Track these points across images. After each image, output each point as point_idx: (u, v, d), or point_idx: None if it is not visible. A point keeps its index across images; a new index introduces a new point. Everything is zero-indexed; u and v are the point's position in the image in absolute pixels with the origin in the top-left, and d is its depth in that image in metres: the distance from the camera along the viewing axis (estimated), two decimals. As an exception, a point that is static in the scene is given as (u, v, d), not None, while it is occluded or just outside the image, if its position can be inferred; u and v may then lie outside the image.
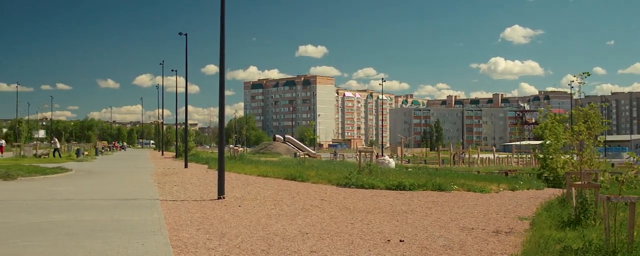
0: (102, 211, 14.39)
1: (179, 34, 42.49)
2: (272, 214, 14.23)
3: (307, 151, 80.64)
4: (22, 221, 12.36)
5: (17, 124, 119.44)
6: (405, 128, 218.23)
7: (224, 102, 18.93)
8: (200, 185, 23.38)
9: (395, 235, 11.20)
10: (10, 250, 9.26)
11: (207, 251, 9.50)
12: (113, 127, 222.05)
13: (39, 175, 26.81)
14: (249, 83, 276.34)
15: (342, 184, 22.92)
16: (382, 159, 43.09)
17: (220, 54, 18.70)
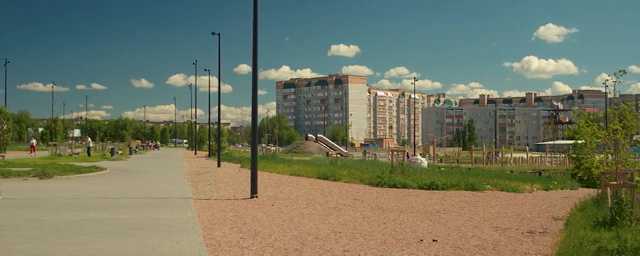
0: (136, 209, 14.53)
1: (212, 34, 42.75)
2: (305, 213, 14.27)
3: (339, 150, 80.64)
4: (59, 219, 12.52)
5: (52, 123, 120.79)
6: (437, 128, 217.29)
7: (257, 101, 19.02)
8: (233, 184, 23.49)
9: (428, 235, 11.18)
10: (49, 248, 9.39)
11: (240, 250, 9.55)
12: (147, 127, 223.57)
13: (75, 173, 27.11)
14: (281, 82, 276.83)
15: (375, 183, 22.92)
16: (414, 158, 43.04)
17: (253, 54, 18.78)
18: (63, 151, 56.60)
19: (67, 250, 9.21)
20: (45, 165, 30.99)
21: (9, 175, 24.61)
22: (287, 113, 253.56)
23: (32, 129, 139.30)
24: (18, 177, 24.54)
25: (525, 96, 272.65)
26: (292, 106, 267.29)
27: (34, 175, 24.87)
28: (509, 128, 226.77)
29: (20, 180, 23.64)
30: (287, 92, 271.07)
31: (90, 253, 9.03)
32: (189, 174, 29.72)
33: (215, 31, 42.55)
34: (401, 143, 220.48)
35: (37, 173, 25.19)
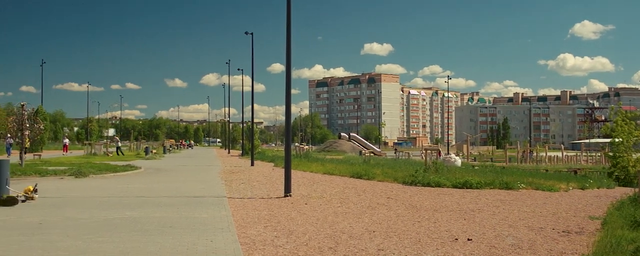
0: (171, 208, 14.63)
1: (245, 33, 42.87)
2: (339, 212, 14.27)
3: (372, 149, 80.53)
4: (95, 218, 12.65)
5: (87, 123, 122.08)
6: (471, 126, 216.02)
7: (291, 100, 19.06)
8: (267, 182, 23.56)
9: (463, 234, 11.13)
10: (85, 246, 9.49)
11: (275, 248, 9.58)
12: (180, 126, 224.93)
13: (110, 172, 27.36)
14: (314, 81, 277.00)
15: (408, 182, 22.86)
16: (448, 157, 42.85)
17: (286, 53, 18.81)
18: (98, 150, 57.17)
19: (103, 248, 9.31)
20: (81, 164, 31.33)
21: (46, 174, 24.92)
22: (320, 112, 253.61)
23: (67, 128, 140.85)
24: (55, 176, 24.83)
25: (560, 94, 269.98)
26: (325, 105, 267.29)
27: (70, 174, 25.15)
28: (543, 126, 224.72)
29: (57, 179, 23.91)
30: (320, 90, 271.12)
31: (126, 251, 9.11)
32: (223, 173, 29.85)
33: (249, 30, 42.70)
34: (434, 142, 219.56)
35: (73, 172, 25.48)
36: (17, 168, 26.08)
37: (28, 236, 10.32)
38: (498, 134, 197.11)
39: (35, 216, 12.81)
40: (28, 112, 30.29)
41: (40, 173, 25.20)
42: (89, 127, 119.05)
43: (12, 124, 29.78)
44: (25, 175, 24.36)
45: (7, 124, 31.50)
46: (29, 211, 13.82)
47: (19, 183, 20.02)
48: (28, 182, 19.73)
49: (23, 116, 29.43)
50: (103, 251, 9.05)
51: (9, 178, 16.92)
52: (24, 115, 29.51)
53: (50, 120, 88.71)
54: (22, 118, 29.36)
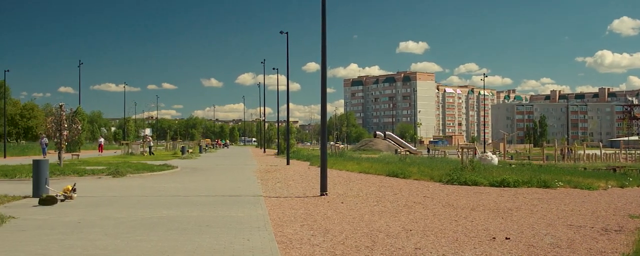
0: (208, 207, 14.69)
1: (280, 33, 42.87)
2: (375, 211, 14.23)
3: (407, 147, 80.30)
4: (133, 217, 12.75)
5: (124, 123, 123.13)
6: (507, 124, 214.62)
7: (326, 100, 19.02)
8: (303, 181, 23.58)
9: (501, 233, 11.04)
10: (123, 244, 9.56)
11: (311, 247, 9.57)
12: (216, 125, 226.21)
13: (147, 172, 27.56)
14: (349, 80, 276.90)
15: (445, 181, 22.75)
16: (484, 155, 42.55)
17: (322, 53, 18.80)
18: (135, 150, 57.66)
19: (141, 247, 9.37)
20: (118, 164, 31.63)
21: (84, 174, 25.18)
22: (355, 111, 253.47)
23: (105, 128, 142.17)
24: (93, 175, 25.07)
25: (598, 91, 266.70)
26: (360, 104, 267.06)
27: (108, 174, 25.38)
28: (581, 124, 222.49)
29: (95, 179, 24.15)
30: (355, 89, 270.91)
31: (164, 249, 9.16)
32: (259, 172, 29.94)
33: (284, 30, 42.87)
34: (470, 140, 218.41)
35: (111, 172, 25.72)
36: (56, 168, 26.39)
37: (67, 235, 10.43)
38: (535, 132, 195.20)
39: (74, 215, 12.94)
40: (66, 112, 30.63)
41: (79, 172, 25.48)
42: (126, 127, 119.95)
43: (51, 124, 30.14)
44: (64, 174, 24.64)
45: (46, 124, 31.89)
46: (68, 210, 13.96)
47: (58, 182, 20.26)
48: (67, 182, 19.96)
49: (62, 116, 29.77)
50: (141, 250, 9.11)
51: (48, 178, 17.15)
52: (62, 115, 29.85)
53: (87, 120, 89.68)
54: (60, 118, 29.70)
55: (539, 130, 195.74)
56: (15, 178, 23.50)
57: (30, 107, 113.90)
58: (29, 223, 11.80)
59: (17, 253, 8.90)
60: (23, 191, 17.63)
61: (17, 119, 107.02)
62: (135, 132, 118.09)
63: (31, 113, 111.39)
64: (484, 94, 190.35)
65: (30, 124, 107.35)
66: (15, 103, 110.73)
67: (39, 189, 16.55)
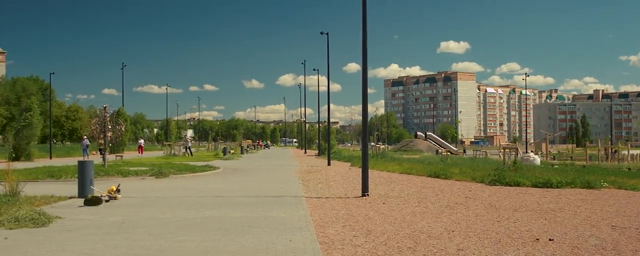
0: (250, 207, 14.78)
1: (321, 34, 42.93)
2: (417, 212, 14.20)
3: (449, 148, 79.87)
4: (177, 217, 12.88)
5: (167, 124, 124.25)
6: (549, 124, 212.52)
7: (367, 100, 19.01)
8: (344, 182, 23.60)
9: (544, 234, 10.95)
10: (167, 244, 9.66)
11: (353, 248, 9.59)
12: (257, 126, 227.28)
13: (189, 173, 27.78)
14: (389, 81, 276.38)
15: (487, 181, 22.60)
16: (526, 156, 42.19)
17: (362, 53, 18.78)
18: (178, 151, 58.16)
19: (184, 247, 9.46)
20: (161, 165, 31.94)
21: (128, 175, 25.46)
22: (395, 112, 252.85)
23: (147, 130, 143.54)
24: (136, 176, 25.34)
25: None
26: (401, 104, 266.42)
27: (151, 175, 25.65)
28: (625, 124, 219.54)
29: (139, 179, 24.41)
30: (396, 90, 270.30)
31: (207, 250, 9.24)
32: (300, 173, 30.02)
33: (324, 30, 42.78)
34: (512, 140, 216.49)
35: (154, 173, 25.98)
36: (101, 169, 26.73)
37: (112, 235, 10.57)
38: (577, 132, 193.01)
39: (119, 216, 13.11)
40: (110, 114, 31.02)
41: (122, 173, 25.76)
42: (168, 128, 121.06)
43: (95, 126, 30.55)
44: (108, 175, 24.93)
45: (90, 126, 32.32)
46: (113, 210, 14.15)
47: (102, 183, 20.53)
48: (111, 182, 20.23)
49: (105, 118, 30.17)
50: (184, 250, 9.20)
51: (93, 178, 17.38)
52: (106, 117, 30.24)
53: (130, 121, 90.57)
54: (104, 120, 30.10)
55: (582, 130, 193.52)
56: (61, 178, 23.85)
57: (74, 109, 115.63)
58: (74, 223, 11.99)
59: (64, 252, 9.05)
60: (69, 191, 17.88)
61: (63, 121, 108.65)
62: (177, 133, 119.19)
63: (76, 115, 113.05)
64: (525, 94, 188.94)
65: (75, 125, 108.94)
66: (61, 106, 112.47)
67: (84, 190, 16.79)
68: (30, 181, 21.40)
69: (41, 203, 15.05)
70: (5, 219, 11.77)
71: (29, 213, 12.04)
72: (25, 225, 11.47)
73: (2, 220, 11.71)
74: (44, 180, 23.55)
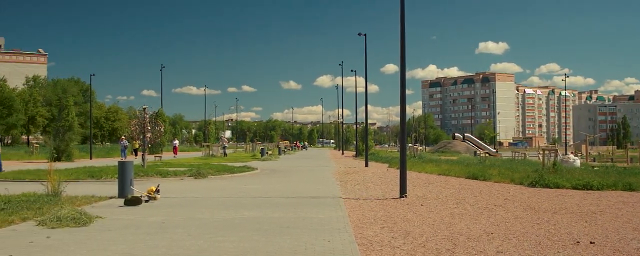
0: (288, 208, 14.82)
1: (358, 35, 42.93)
2: (455, 213, 14.13)
3: (487, 149, 79.29)
4: (215, 218, 12.96)
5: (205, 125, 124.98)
6: (589, 126, 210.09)
7: (405, 102, 18.95)
8: (382, 183, 23.56)
9: (585, 237, 10.83)
10: (206, 244, 9.73)
11: (392, 249, 9.57)
12: (294, 127, 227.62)
13: (227, 173, 27.93)
14: (427, 81, 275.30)
15: (526, 183, 22.41)
16: (566, 158, 41.72)
17: (400, 54, 18.73)
18: (216, 152, 58.53)
19: (223, 247, 9.52)
20: (199, 165, 32.12)
21: (166, 175, 25.65)
22: (433, 113, 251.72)
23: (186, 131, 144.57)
24: (175, 176, 25.53)
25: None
26: (438, 105, 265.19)
27: (190, 175, 25.82)
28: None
29: (177, 180, 24.60)
30: (433, 91, 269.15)
31: (246, 250, 9.28)
32: (337, 174, 30.04)
33: (362, 32, 42.78)
34: (551, 142, 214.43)
35: (193, 173, 26.15)
36: (140, 169, 26.97)
37: (152, 235, 10.67)
38: (618, 133, 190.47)
39: (158, 216, 13.23)
40: (149, 115, 31.30)
41: (161, 174, 25.97)
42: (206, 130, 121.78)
43: (134, 127, 30.85)
44: (148, 176, 25.17)
45: (130, 127, 32.65)
46: (152, 210, 14.28)
47: (142, 183, 20.72)
48: (150, 183, 20.40)
49: (145, 119, 30.45)
50: (223, 250, 9.25)
51: (133, 179, 17.55)
52: (145, 118, 30.52)
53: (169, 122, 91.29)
54: (144, 121, 30.38)
55: (623, 131, 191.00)
56: (102, 179, 24.12)
57: (114, 110, 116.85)
58: (115, 223, 12.12)
59: (105, 252, 9.16)
60: (109, 191, 18.09)
61: (102, 122, 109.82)
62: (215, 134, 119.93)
63: (115, 115, 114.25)
64: (565, 95, 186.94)
65: (115, 126, 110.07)
66: (101, 107, 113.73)
67: (124, 190, 16.97)
68: (72, 181, 21.67)
69: (82, 203, 15.24)
70: (48, 218, 11.95)
71: (70, 212, 12.21)
72: (66, 224, 11.63)
73: (45, 219, 11.90)
74: (84, 180, 23.86)
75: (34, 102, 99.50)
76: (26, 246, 9.64)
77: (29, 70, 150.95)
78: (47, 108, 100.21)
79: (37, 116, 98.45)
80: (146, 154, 31.44)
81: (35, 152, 56.08)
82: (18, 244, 9.79)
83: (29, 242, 9.95)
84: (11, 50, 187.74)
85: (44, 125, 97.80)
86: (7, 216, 12.29)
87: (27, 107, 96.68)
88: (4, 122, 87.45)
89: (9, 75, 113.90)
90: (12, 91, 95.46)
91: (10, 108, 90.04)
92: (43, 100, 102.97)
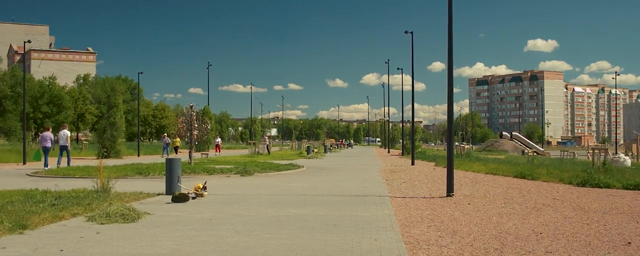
0: (334, 206, 14.81)
1: (405, 33, 42.76)
2: (503, 213, 13.99)
3: (535, 148, 78.47)
4: (262, 215, 13.00)
5: (250, 123, 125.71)
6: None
7: (453, 100, 18.81)
8: (428, 182, 23.43)
9: (637, 238, 10.63)
10: (253, 241, 9.76)
11: (439, 248, 9.50)
12: (340, 125, 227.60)
13: (273, 171, 27.99)
14: (474, 80, 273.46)
15: (575, 183, 22.11)
16: (616, 157, 41.10)
17: (448, 52, 18.59)
18: (262, 149, 58.82)
19: (270, 244, 9.54)
20: (245, 163, 32.31)
21: (213, 172, 25.84)
22: (480, 111, 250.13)
23: (232, 129, 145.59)
24: (221, 174, 25.69)
25: None
26: (485, 103, 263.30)
27: (236, 173, 25.95)
28: None
29: (224, 177, 24.73)
30: (480, 89, 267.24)
31: (293, 247, 9.29)
32: (384, 172, 29.95)
33: (408, 29, 42.65)
34: (601, 141, 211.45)
35: (239, 171, 26.28)
36: (187, 166, 27.19)
37: (199, 231, 10.74)
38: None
39: (206, 213, 13.32)
40: (196, 112, 31.55)
41: (208, 171, 26.15)
42: (252, 127, 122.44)
43: (182, 124, 31.12)
44: (195, 173, 25.36)
45: (177, 124, 32.95)
46: (199, 207, 14.38)
47: (189, 180, 20.92)
48: (197, 180, 20.59)
49: (192, 117, 30.70)
50: (270, 247, 9.27)
51: (180, 176, 17.70)
52: (192, 115, 30.78)
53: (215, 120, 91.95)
54: (191, 118, 30.64)
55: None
56: (149, 175, 24.37)
57: (161, 108, 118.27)
58: (163, 219, 12.24)
59: (153, 248, 9.24)
60: (156, 188, 18.29)
61: (150, 119, 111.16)
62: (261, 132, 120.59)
63: (162, 113, 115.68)
64: (615, 93, 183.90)
65: (162, 124, 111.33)
66: (148, 104, 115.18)
67: (172, 187, 17.12)
68: (120, 178, 21.95)
69: (131, 200, 15.41)
70: (97, 214, 12.11)
71: (119, 209, 12.36)
72: (115, 220, 11.77)
73: (94, 215, 12.06)
74: (132, 177, 24.13)
75: (83, 100, 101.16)
76: (77, 241, 9.77)
77: (78, 68, 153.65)
78: (96, 106, 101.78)
79: (86, 113, 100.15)
80: (193, 151, 31.69)
81: (84, 149, 56.99)
82: (69, 239, 9.93)
83: (80, 237, 10.10)
84: (61, 49, 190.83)
85: (92, 122, 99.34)
86: (58, 212, 12.46)
87: (76, 105, 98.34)
88: (53, 119, 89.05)
89: (58, 74, 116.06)
90: (62, 89, 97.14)
91: (59, 106, 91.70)
92: (92, 97, 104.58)
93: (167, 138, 57.72)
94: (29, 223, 11.05)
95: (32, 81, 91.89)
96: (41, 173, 26.31)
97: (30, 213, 12.06)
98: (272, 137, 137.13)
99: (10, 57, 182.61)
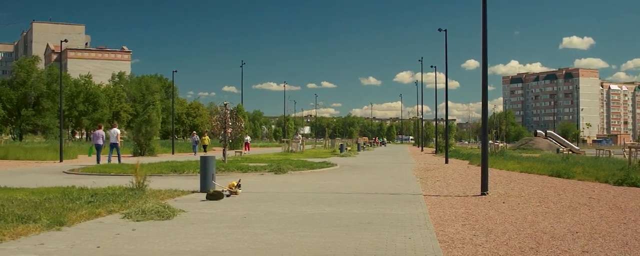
0: (368, 204, 14.79)
1: (439, 30, 42.57)
2: (538, 211, 13.88)
3: (570, 147, 77.80)
4: (295, 212, 13.04)
5: (284, 121, 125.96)
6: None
7: (487, 98, 18.69)
8: (462, 180, 23.32)
9: (675, 237, 10.51)
10: (287, 239, 9.79)
11: (474, 247, 9.46)
12: (374, 123, 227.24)
13: (307, 169, 28.00)
14: (508, 77, 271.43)
15: (611, 182, 21.87)
16: (653, 156, 40.59)
17: (482, 50, 18.47)
18: (295, 148, 58.90)
19: (304, 242, 9.56)
20: (279, 161, 32.38)
21: (247, 170, 25.93)
22: (514, 109, 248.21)
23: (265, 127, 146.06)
24: (255, 172, 25.77)
25: None
26: (520, 101, 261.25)
27: (270, 170, 26.01)
28: None
29: (258, 175, 24.83)
30: (514, 87, 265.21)
31: (327, 245, 9.30)
32: (417, 170, 29.87)
33: (442, 27, 42.40)
34: (637, 139, 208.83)
35: (273, 169, 26.33)
36: (221, 164, 27.32)
37: (234, 229, 10.79)
38: None
39: (240, 210, 13.37)
40: (230, 110, 31.68)
41: (242, 169, 26.25)
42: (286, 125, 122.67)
43: (216, 122, 31.29)
44: (229, 171, 25.49)
45: (211, 122, 33.12)
46: (234, 205, 14.44)
47: (223, 178, 21.01)
48: (232, 178, 20.66)
49: (226, 115, 30.84)
50: (304, 245, 9.29)
51: (214, 174, 17.78)
52: (226, 113, 30.91)
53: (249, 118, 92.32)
54: (225, 116, 30.78)
55: None
56: (184, 173, 24.52)
57: (195, 106, 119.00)
58: (198, 217, 12.32)
59: (188, 245, 9.31)
60: (191, 186, 18.39)
61: (183, 118, 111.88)
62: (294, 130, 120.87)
63: (196, 111, 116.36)
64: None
65: (196, 122, 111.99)
66: (182, 103, 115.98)
67: (206, 184, 17.21)
68: (155, 175, 22.12)
69: (166, 197, 15.52)
70: (133, 211, 12.22)
71: (154, 206, 12.46)
72: (151, 217, 11.87)
73: (130, 213, 12.18)
74: (167, 174, 24.31)
75: (119, 98, 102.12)
76: (113, 238, 9.88)
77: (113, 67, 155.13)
78: (131, 104, 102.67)
79: (121, 111, 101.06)
80: (226, 149, 31.83)
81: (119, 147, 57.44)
82: (105, 236, 10.03)
83: (116, 234, 10.20)
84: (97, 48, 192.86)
85: (128, 120, 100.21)
86: (94, 209, 12.60)
87: (111, 103, 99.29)
88: (89, 117, 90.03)
89: (94, 72, 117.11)
90: (98, 87, 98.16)
91: (95, 104, 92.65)
92: (127, 96, 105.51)
93: (195, 136, 58.11)
94: (66, 220, 11.19)
95: (68, 79, 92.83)
96: (77, 171, 26.61)
97: (68, 210, 12.22)
98: (305, 135, 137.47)
99: (47, 56, 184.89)
